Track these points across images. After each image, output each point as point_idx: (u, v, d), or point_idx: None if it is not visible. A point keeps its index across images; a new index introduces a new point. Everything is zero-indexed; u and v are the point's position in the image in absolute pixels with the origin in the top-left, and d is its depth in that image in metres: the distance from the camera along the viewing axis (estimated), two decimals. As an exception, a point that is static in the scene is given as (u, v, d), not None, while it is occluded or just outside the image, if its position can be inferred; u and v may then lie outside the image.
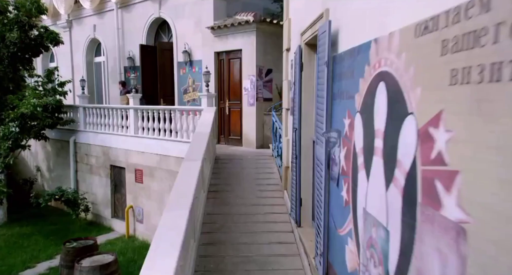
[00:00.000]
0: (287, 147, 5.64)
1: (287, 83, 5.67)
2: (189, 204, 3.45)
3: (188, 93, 10.45)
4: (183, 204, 3.49)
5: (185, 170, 4.32)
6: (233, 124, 9.45)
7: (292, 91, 5.25)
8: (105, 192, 10.54)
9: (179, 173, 4.26)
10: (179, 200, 3.63)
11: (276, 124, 7.26)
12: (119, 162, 9.90)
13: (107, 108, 10.16)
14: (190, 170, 4.31)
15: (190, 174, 4.15)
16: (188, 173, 4.25)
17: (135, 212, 9.60)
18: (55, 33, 10.40)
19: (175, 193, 3.80)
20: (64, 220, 10.76)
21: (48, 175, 12.77)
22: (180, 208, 3.43)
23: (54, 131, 11.69)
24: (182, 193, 3.77)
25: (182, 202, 3.54)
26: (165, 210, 3.42)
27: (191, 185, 3.91)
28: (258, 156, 8.05)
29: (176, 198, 3.66)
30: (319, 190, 3.13)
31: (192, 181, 4.02)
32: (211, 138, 6.43)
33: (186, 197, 3.61)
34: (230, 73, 9.39)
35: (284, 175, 5.91)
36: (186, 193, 3.73)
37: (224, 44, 9.25)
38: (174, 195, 3.75)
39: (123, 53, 12.11)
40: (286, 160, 5.70)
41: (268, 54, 8.90)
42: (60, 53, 14.67)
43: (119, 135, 9.80)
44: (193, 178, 4.09)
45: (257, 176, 6.88)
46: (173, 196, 3.70)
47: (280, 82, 9.09)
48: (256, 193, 6.15)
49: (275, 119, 7.38)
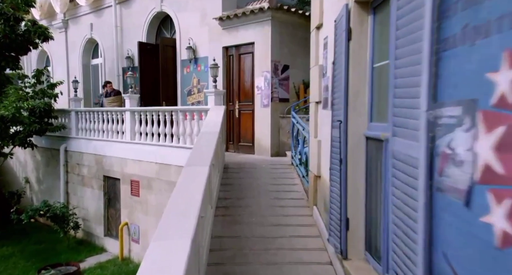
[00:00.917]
0: (317, 150, 4.42)
1: (317, 70, 4.48)
2: (192, 228, 2.23)
3: (193, 95, 9.29)
4: (183, 228, 2.26)
5: (187, 179, 3.10)
6: (244, 129, 8.24)
7: (326, 78, 4.06)
8: (98, 207, 9.30)
9: (178, 181, 3.04)
10: (177, 221, 2.40)
11: (298, 126, 6.05)
12: (113, 172, 8.70)
13: (101, 112, 9.01)
14: (194, 179, 3.09)
15: (194, 184, 2.93)
16: (191, 183, 3.03)
17: (130, 230, 8.34)
18: (44, 27, 9.33)
19: (172, 210, 2.58)
20: (51, 238, 9.50)
21: (37, 187, 11.57)
22: (177, 234, 2.20)
23: (44, 139, 10.57)
24: (182, 210, 2.54)
25: (182, 224, 2.31)
26: (154, 237, 2.19)
27: (194, 199, 2.68)
28: (274, 165, 6.81)
29: (172, 218, 2.44)
30: (405, 209, 1.90)
31: (196, 193, 2.80)
32: (220, 140, 5.21)
33: (188, 217, 2.39)
34: (240, 70, 8.23)
35: (313, 187, 4.66)
36: (187, 211, 2.51)
37: (234, 37, 8.12)
38: (171, 213, 2.53)
39: (122, 53, 11.04)
40: (316, 167, 4.47)
41: (284, 47, 7.75)
42: (56, 56, 13.66)
43: (113, 141, 8.62)
44: (198, 190, 2.86)
45: (276, 188, 5.63)
46: (169, 215, 2.48)
47: (298, 80, 7.94)
48: (276, 209, 4.90)
49: (296, 120, 6.17)
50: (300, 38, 8.01)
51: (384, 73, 2.83)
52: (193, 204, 2.63)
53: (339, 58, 3.28)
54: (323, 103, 4.23)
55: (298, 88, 8.05)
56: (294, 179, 5.95)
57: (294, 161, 6.53)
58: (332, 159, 3.49)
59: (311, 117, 4.76)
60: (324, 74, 4.21)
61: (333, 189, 3.45)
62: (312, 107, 4.76)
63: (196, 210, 2.53)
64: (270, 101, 7.64)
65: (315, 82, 4.59)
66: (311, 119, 4.76)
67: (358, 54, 3.04)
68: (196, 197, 2.75)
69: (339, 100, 3.25)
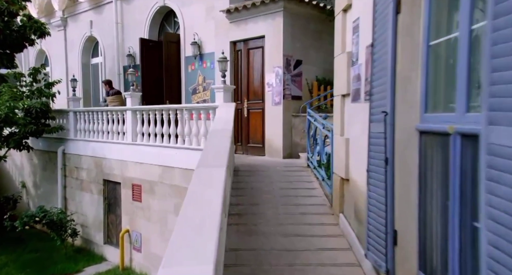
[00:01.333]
0: (345, 150, 3.87)
1: (343, 58, 3.94)
2: (213, 249, 1.68)
3: (198, 94, 8.76)
4: (201, 249, 1.71)
5: (202, 183, 2.56)
6: (253, 129, 7.70)
7: (357, 66, 3.53)
8: (97, 212, 8.75)
9: (191, 187, 2.49)
10: (193, 239, 1.85)
11: (316, 125, 5.50)
12: (114, 176, 8.16)
13: (100, 112, 8.48)
14: (209, 183, 2.54)
15: (210, 190, 2.39)
16: (206, 188, 2.49)
17: (131, 238, 7.79)
18: (40, 23, 8.80)
19: (186, 224, 2.03)
20: (47, 246, 8.95)
21: (34, 192, 11.03)
22: (195, 258, 1.66)
23: (41, 141, 10.04)
24: (198, 224, 1.99)
25: (200, 244, 1.77)
26: (164, 261, 1.64)
27: (212, 209, 2.14)
28: (288, 167, 6.26)
29: (187, 235, 1.89)
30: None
31: (214, 202, 2.25)
32: (231, 140, 4.67)
33: (207, 234, 1.84)
34: (249, 66, 7.70)
35: (339, 192, 4.11)
36: (205, 224, 1.96)
37: (243, 31, 7.59)
38: (184, 227, 1.98)
39: (123, 51, 10.53)
40: (343, 169, 3.92)
41: (297, 41, 7.22)
42: (54, 55, 13.18)
43: (113, 143, 8.09)
44: (215, 197, 2.32)
45: (293, 192, 5.08)
46: (182, 230, 1.93)
47: (311, 76, 7.40)
48: (296, 217, 4.34)
49: (314, 118, 5.63)
50: (313, 31, 7.48)
51: (446, 51, 2.29)
52: (211, 215, 2.08)
53: (382, 38, 2.74)
54: (352, 95, 3.69)
55: (312, 85, 7.51)
56: (312, 183, 5.40)
57: (310, 162, 5.98)
58: (371, 159, 2.95)
59: (336, 113, 4.22)
60: (353, 62, 3.68)
61: (372, 195, 2.90)
62: (337, 102, 4.21)
63: (216, 224, 1.99)
64: (282, 99, 7.10)
65: (341, 73, 4.05)
66: (336, 115, 4.22)
67: (409, 30, 2.50)
68: (214, 206, 2.21)
69: (382, 88, 2.71)
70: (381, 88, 2.73)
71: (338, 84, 4.20)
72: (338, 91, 4.19)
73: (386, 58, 2.64)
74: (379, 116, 2.78)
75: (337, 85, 4.23)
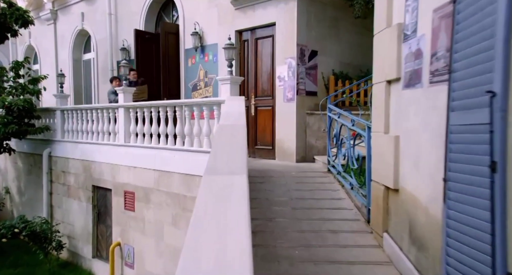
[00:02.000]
0: (393, 151, 2.99)
1: (390, 34, 3.08)
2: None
3: (199, 90, 7.88)
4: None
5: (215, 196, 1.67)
6: (262, 129, 6.82)
7: (415, 40, 2.67)
8: (86, 222, 7.83)
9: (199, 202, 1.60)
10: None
11: (341, 122, 4.62)
12: (104, 181, 7.25)
13: (89, 110, 7.58)
14: (227, 197, 1.66)
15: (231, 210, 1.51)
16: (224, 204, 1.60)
17: (123, 252, 6.86)
18: (22, 10, 7.91)
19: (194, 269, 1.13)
20: (30, 260, 8.00)
21: (19, 199, 10.08)
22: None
23: (26, 143, 9.14)
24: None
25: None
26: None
27: (240, 246, 1.25)
28: (305, 172, 5.39)
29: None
30: None
31: (239, 226, 1.36)
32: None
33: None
34: (257, 58, 6.84)
35: (383, 205, 3.23)
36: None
37: (250, 18, 6.74)
38: None
39: (116, 45, 9.65)
40: (390, 176, 3.04)
41: (312, 29, 6.37)
42: (44, 51, 12.29)
43: (104, 144, 7.19)
44: (240, 221, 1.42)
45: (316, 203, 4.19)
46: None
47: (327, 69, 6.56)
48: (326, 236, 3.46)
49: (338, 115, 4.75)
50: (330, 19, 6.65)
51: None
52: (240, 257, 1.19)
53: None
54: (406, 79, 2.82)
55: (328, 79, 6.65)
56: (337, 192, 4.51)
57: (332, 167, 5.11)
58: (453, 164, 2.07)
59: (378, 105, 3.35)
60: (407, 35, 2.81)
61: (458, 217, 2.02)
62: (378, 91, 3.34)
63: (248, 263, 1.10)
64: (295, 94, 6.23)
65: (384, 53, 3.19)
66: (378, 108, 3.35)
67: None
68: (239, 237, 1.32)
69: (478, 59, 1.85)
70: (478, 60, 1.86)
71: (379, 68, 3.34)
72: (379, 77, 3.32)
73: (489, 12, 1.78)
74: (471, 101, 1.91)
75: (379, 70, 3.36)
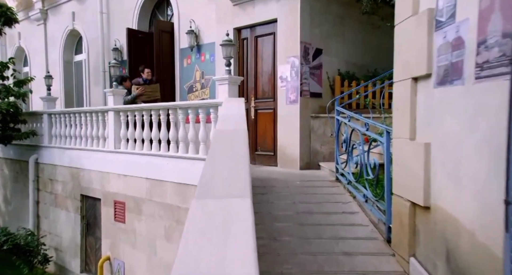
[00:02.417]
0: (423, 161, 2.51)
1: (417, 22, 2.61)
2: None
3: (195, 92, 7.40)
4: None
5: (210, 230, 1.18)
6: (262, 134, 6.34)
7: (453, 26, 2.20)
8: (74, 234, 7.31)
9: (186, 239, 1.11)
10: None
11: (352, 126, 4.14)
12: (93, 190, 6.75)
13: (78, 113, 7.09)
14: (225, 233, 1.16)
15: (236, 255, 1.01)
16: (221, 246, 1.11)
17: (113, 267, 6.35)
18: (5, 6, 7.43)
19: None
20: (15, 274, 7.46)
21: (5, 208, 9.55)
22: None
23: (12, 148, 8.63)
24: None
25: None
26: None
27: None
28: (311, 182, 4.90)
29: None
30: None
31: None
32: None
33: None
34: (257, 57, 6.37)
35: (409, 225, 2.75)
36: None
37: (250, 15, 6.28)
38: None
39: (108, 45, 9.18)
40: (419, 191, 2.56)
41: (315, 26, 5.91)
42: (34, 53, 11.81)
43: (93, 151, 6.70)
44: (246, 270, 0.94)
45: (325, 219, 3.70)
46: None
47: (332, 70, 6.10)
48: (341, 260, 2.96)
49: (348, 118, 4.27)
50: (335, 16, 6.20)
51: None
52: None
53: None
54: (440, 76, 2.35)
55: (333, 80, 6.19)
56: (349, 204, 4.03)
57: (341, 176, 4.63)
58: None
59: (401, 106, 2.87)
60: (441, 22, 2.35)
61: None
62: (401, 90, 2.87)
63: None
64: (299, 96, 5.76)
65: (411, 44, 2.71)
66: (401, 110, 2.87)
67: None
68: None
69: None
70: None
71: (402, 64, 2.86)
72: (402, 74, 2.84)
73: None
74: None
75: (401, 66, 2.89)
